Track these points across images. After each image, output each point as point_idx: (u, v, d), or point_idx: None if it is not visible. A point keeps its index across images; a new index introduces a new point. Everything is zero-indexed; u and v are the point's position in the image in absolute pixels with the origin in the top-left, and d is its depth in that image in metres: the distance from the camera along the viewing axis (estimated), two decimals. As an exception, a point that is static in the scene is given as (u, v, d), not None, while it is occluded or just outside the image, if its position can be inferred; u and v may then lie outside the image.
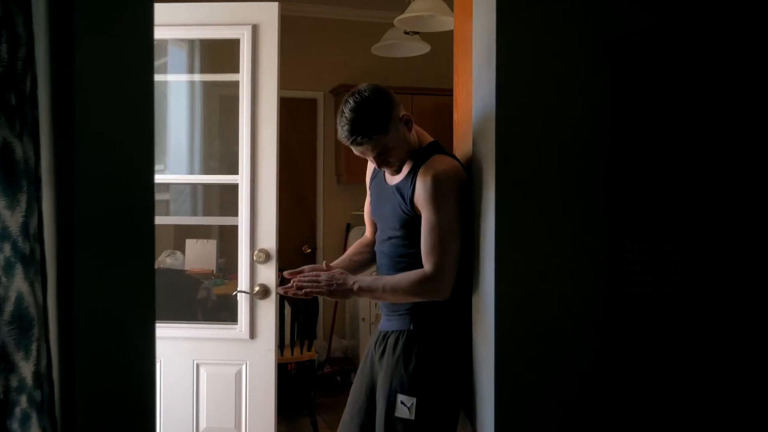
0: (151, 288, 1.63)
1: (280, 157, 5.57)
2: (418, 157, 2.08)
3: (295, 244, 5.64)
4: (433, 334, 2.05)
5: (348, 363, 5.34)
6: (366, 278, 2.10)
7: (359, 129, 1.97)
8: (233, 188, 2.90)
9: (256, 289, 2.85)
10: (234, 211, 2.90)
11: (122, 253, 1.59)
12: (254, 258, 2.85)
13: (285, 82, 5.49)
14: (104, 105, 1.57)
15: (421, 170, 2.03)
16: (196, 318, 3.17)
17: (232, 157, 2.97)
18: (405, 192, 2.06)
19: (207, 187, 3.60)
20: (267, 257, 2.84)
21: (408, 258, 2.05)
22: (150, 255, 1.64)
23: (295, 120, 5.67)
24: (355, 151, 2.06)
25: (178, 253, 4.06)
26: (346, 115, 1.98)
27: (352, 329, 5.43)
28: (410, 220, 2.05)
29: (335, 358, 5.40)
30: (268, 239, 2.85)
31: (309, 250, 5.66)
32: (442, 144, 2.17)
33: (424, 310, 2.05)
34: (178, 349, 2.89)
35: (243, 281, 2.86)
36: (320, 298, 5.65)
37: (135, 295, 1.62)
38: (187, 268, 3.87)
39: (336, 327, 5.47)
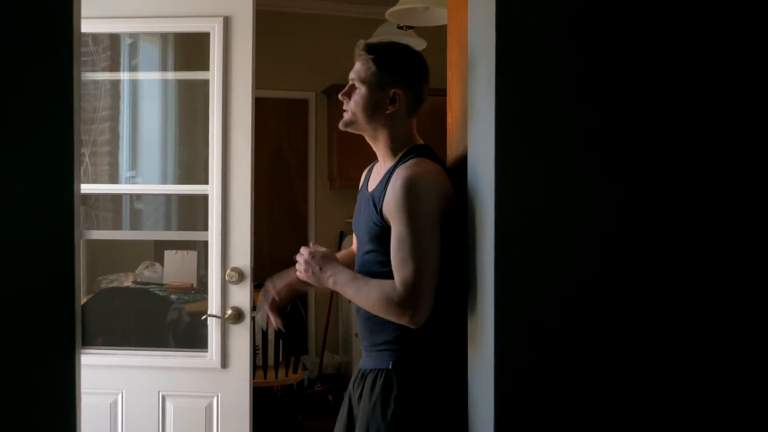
0: (71, 321, 1.36)
1: (270, 161, 5.37)
2: (399, 161, 1.80)
3: (286, 253, 5.32)
4: (415, 374, 1.75)
5: (341, 381, 5.04)
6: (344, 274, 1.80)
7: (375, 46, 1.85)
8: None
9: (229, 312, 2.54)
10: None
11: (36, 278, 1.33)
12: (226, 278, 2.54)
13: (274, 82, 5.23)
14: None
15: (394, 174, 1.75)
16: (166, 343, 2.86)
17: (204, 164, 2.67)
18: (377, 199, 1.78)
19: (183, 196, 3.30)
20: (240, 277, 2.54)
21: (383, 278, 1.75)
22: (70, 282, 1.37)
23: (286, 122, 5.37)
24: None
25: (157, 265, 3.77)
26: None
27: (345, 344, 5.13)
28: (380, 233, 1.76)
29: (327, 375, 5.10)
30: (242, 257, 2.55)
31: (300, 260, 5.35)
32: (438, 149, 1.89)
33: (406, 345, 1.76)
34: (142, 379, 2.58)
35: (214, 304, 2.56)
36: (308, 311, 5.35)
37: (53, 330, 1.36)
38: (165, 281, 3.59)
39: (328, 342, 5.17)
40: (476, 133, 1.64)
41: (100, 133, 3.20)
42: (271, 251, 5.27)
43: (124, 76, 3.18)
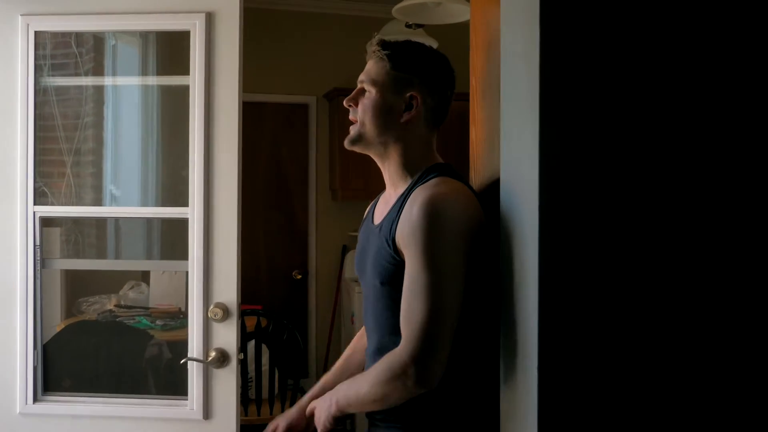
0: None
1: (268, 170, 5.02)
2: (417, 182, 1.45)
3: (284, 269, 5.00)
4: None
5: (343, 407, 4.69)
6: (340, 388, 1.46)
7: (391, 43, 1.52)
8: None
9: (212, 355, 2.19)
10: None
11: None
12: (209, 315, 2.19)
13: (272, 86, 4.87)
14: None
15: (411, 195, 1.39)
16: (144, 385, 2.51)
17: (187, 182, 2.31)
18: (387, 228, 1.43)
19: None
20: (225, 314, 2.19)
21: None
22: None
23: (284, 128, 5.03)
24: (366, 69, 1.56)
25: (144, 286, 3.46)
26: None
27: (348, 368, 4.78)
28: (394, 271, 1.40)
29: (329, 400, 4.75)
30: (228, 291, 2.20)
31: (300, 276, 5.01)
32: (457, 169, 1.53)
33: (419, 417, 1.42)
34: (112, 431, 2.24)
35: (194, 345, 2.21)
36: (308, 332, 5.00)
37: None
38: (152, 303, 3.27)
39: (330, 364, 4.81)
40: (512, 155, 1.30)
41: (83, 141, 2.87)
42: (269, 269, 4.93)
43: (105, 81, 2.83)
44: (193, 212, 2.19)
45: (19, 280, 2.23)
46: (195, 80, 2.19)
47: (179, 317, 3.07)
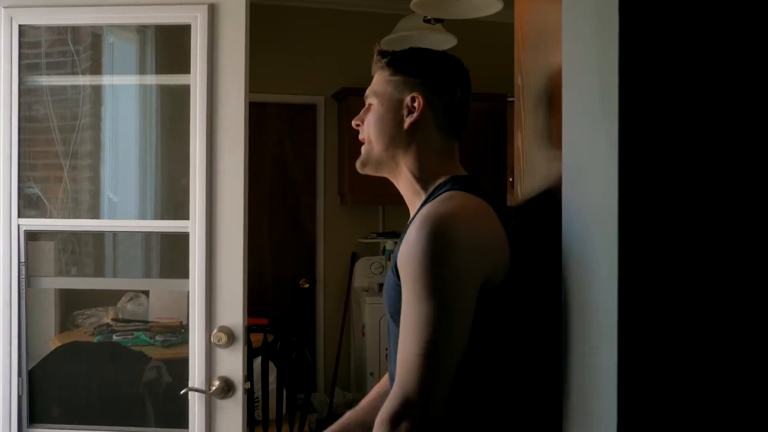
0: None
1: (273, 174, 4.80)
2: (429, 197, 1.29)
3: (291, 277, 4.77)
4: None
5: (353, 423, 4.47)
6: None
7: (389, 51, 1.39)
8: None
9: (215, 384, 1.98)
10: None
11: None
12: (212, 340, 1.98)
13: (278, 86, 4.65)
14: None
15: (417, 215, 1.21)
16: (142, 414, 2.30)
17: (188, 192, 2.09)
18: (396, 251, 1.26)
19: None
20: (230, 339, 1.97)
21: None
22: None
23: (291, 130, 4.81)
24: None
25: (143, 297, 3.25)
26: None
27: (358, 381, 4.56)
28: (401, 300, 1.22)
29: (338, 416, 4.53)
30: (233, 313, 1.98)
31: (307, 285, 4.78)
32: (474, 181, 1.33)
33: None
34: (105, 467, 2.03)
35: (195, 373, 1.99)
36: (316, 345, 4.79)
37: None
38: (151, 317, 3.06)
39: (339, 378, 4.60)
40: (578, 166, 1.08)
41: (80, 144, 2.65)
42: (274, 277, 4.71)
43: (102, 80, 2.62)
44: (194, 226, 1.98)
45: (2, 301, 2.02)
46: (196, 79, 1.97)
47: (180, 332, 2.87)
